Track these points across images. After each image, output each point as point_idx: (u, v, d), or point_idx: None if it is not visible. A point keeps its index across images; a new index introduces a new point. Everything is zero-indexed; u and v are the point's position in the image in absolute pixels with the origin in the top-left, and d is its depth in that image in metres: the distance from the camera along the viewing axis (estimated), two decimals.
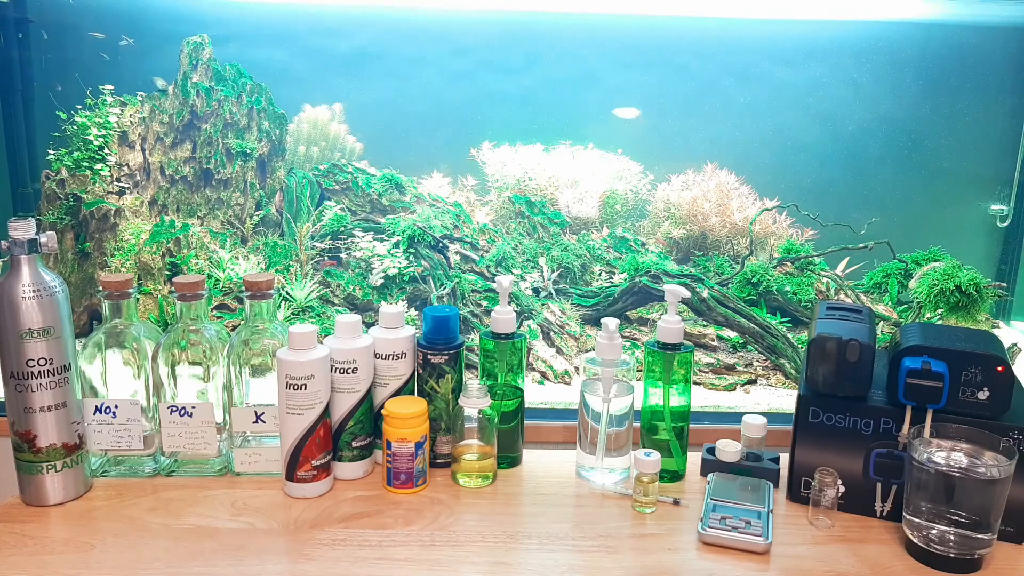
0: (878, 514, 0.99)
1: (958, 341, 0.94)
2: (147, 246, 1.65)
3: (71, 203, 1.67)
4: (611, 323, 1.04)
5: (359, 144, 1.96)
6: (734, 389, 1.51)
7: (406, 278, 1.70)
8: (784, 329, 1.60)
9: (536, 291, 1.75)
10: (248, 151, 1.78)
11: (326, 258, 1.63)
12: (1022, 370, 1.23)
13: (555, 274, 1.77)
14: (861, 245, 1.75)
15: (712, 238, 1.91)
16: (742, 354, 1.64)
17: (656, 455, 0.99)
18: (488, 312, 1.59)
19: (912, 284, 1.63)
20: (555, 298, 1.75)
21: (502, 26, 1.90)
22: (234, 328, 1.47)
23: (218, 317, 1.60)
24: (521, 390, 1.11)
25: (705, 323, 1.65)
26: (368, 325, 1.10)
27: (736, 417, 1.20)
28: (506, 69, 1.93)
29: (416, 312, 1.67)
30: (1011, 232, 1.85)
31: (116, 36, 1.79)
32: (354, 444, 1.05)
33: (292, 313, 1.62)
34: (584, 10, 1.89)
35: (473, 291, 1.70)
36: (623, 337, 1.37)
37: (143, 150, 1.77)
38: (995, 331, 1.69)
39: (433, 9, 1.90)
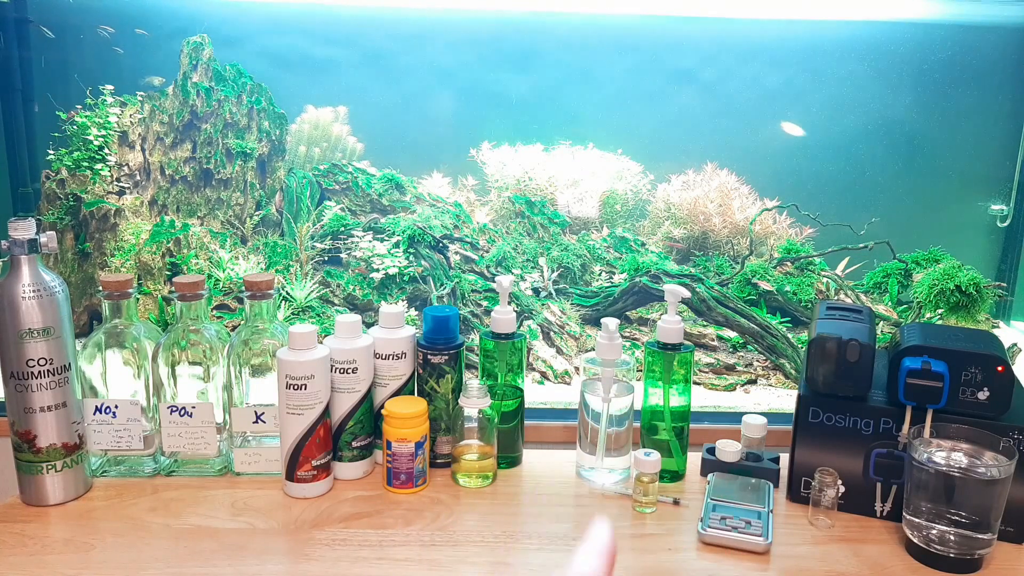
0: (878, 514, 0.99)
1: (958, 341, 0.94)
2: (147, 246, 1.65)
3: (71, 203, 1.67)
4: (611, 323, 1.04)
5: (360, 144, 1.96)
6: (734, 389, 1.51)
7: (406, 278, 1.70)
8: (784, 329, 1.60)
9: (536, 291, 1.75)
10: (248, 151, 1.78)
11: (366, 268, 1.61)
12: (1022, 370, 1.23)
13: (555, 274, 1.77)
14: (861, 245, 1.75)
15: (713, 238, 1.91)
16: (742, 354, 1.64)
17: (656, 455, 0.99)
18: (488, 312, 1.59)
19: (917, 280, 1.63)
20: (555, 298, 1.75)
21: (502, 26, 1.90)
22: (234, 328, 1.47)
23: (218, 317, 1.60)
24: (521, 390, 1.11)
25: (705, 323, 1.65)
26: (368, 325, 1.10)
27: (736, 417, 1.20)
28: (506, 69, 1.93)
29: (416, 312, 1.67)
30: (1011, 232, 1.85)
31: (116, 35, 1.79)
32: (354, 444, 1.05)
33: (292, 313, 1.62)
34: (584, 10, 1.89)
35: (473, 291, 1.70)
36: (623, 337, 1.37)
37: (143, 150, 1.77)
38: (995, 331, 1.69)
39: (433, 9, 1.90)
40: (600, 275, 1.83)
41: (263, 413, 1.04)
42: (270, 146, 1.82)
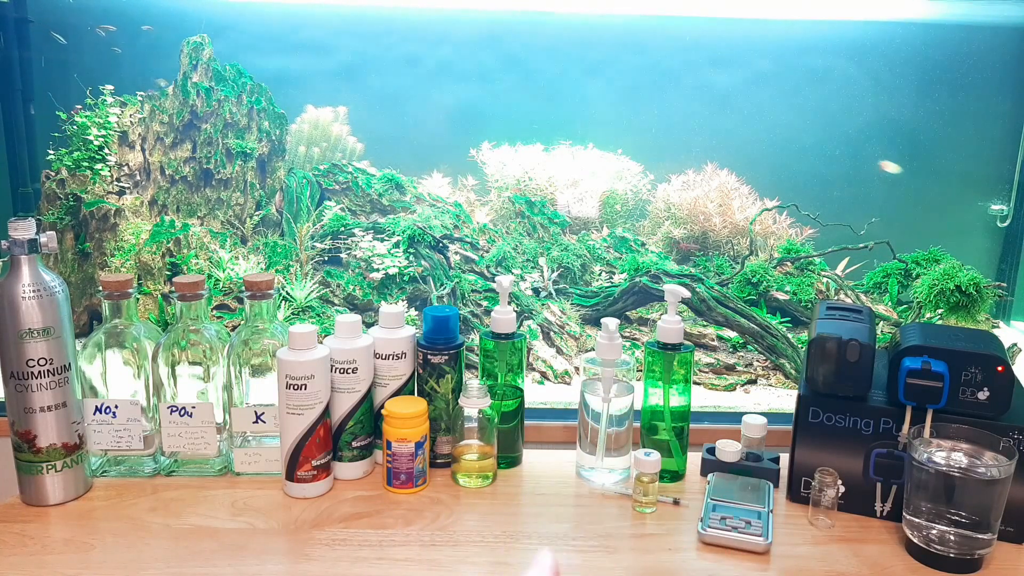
0: (878, 514, 0.99)
1: (958, 341, 0.94)
2: (147, 246, 1.65)
3: (71, 203, 1.67)
4: (611, 323, 1.04)
5: (360, 144, 1.96)
6: (734, 389, 1.51)
7: (406, 278, 1.70)
8: (784, 329, 1.60)
9: (536, 291, 1.75)
10: (248, 151, 1.78)
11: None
12: (1022, 370, 1.23)
13: (555, 274, 1.77)
14: (861, 245, 1.75)
15: (713, 239, 1.91)
16: (742, 354, 1.64)
17: (656, 455, 0.99)
18: (488, 312, 1.59)
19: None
20: (555, 298, 1.75)
21: (502, 26, 1.90)
22: (234, 328, 1.47)
23: (218, 317, 1.60)
24: (521, 390, 1.11)
25: (705, 323, 1.65)
26: (368, 325, 1.10)
27: (736, 417, 1.20)
28: (506, 69, 1.93)
29: (416, 312, 1.67)
30: (1011, 232, 1.85)
31: (116, 35, 1.79)
32: (354, 444, 1.05)
33: (292, 313, 1.62)
34: (584, 10, 1.89)
35: (473, 291, 1.70)
36: (623, 337, 1.37)
37: (143, 150, 1.77)
38: (995, 331, 1.69)
39: (434, 9, 1.90)
40: (600, 275, 1.83)
41: (263, 413, 1.04)
42: (270, 146, 1.82)
